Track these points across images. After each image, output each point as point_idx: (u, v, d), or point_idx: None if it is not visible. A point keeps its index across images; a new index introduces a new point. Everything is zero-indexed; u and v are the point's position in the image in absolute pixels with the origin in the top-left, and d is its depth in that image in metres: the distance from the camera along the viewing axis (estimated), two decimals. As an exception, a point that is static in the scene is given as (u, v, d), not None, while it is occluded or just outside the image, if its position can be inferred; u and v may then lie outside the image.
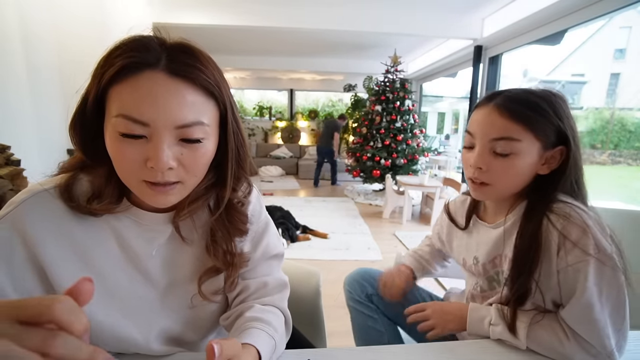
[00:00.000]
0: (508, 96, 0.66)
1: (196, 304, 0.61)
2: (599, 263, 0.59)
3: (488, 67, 4.20)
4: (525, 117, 0.64)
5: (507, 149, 0.65)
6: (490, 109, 0.67)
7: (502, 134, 0.65)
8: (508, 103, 0.65)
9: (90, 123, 0.49)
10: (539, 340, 0.62)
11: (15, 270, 0.49)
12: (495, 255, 0.74)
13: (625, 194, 6.87)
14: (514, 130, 0.65)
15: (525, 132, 0.64)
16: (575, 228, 0.61)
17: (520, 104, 0.65)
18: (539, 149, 0.66)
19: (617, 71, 10.12)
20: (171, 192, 0.49)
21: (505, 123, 0.65)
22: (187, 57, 0.47)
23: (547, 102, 0.65)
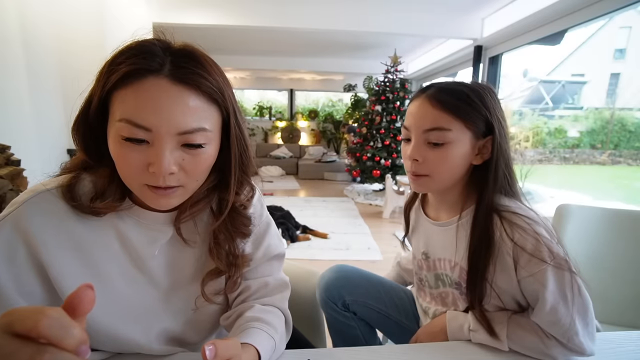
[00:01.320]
0: (438, 88, 0.69)
1: (199, 306, 0.61)
2: (556, 269, 0.61)
3: (488, 67, 4.20)
4: (454, 106, 0.66)
5: (440, 138, 0.67)
6: (422, 100, 0.70)
7: (434, 125, 0.67)
8: (438, 94, 0.68)
9: (93, 126, 0.49)
10: (522, 341, 0.64)
11: (18, 271, 0.49)
12: (445, 258, 0.76)
13: (625, 194, 6.87)
14: (444, 120, 0.67)
15: (455, 121, 0.66)
16: (529, 239, 0.62)
17: (449, 95, 0.67)
18: (471, 139, 0.68)
19: (617, 71, 10.10)
20: (173, 195, 0.50)
21: (436, 113, 0.67)
22: (191, 63, 0.47)
23: (475, 93, 0.67)
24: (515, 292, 0.66)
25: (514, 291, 0.66)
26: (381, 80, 5.36)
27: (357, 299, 0.95)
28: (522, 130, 9.50)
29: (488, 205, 0.67)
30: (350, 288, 0.96)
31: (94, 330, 0.53)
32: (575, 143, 9.29)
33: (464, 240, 0.70)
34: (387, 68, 5.23)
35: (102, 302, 0.54)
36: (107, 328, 0.54)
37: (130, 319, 0.56)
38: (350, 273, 0.99)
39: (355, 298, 0.95)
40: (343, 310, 0.96)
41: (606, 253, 1.38)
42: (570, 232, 1.41)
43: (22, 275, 0.49)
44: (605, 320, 1.28)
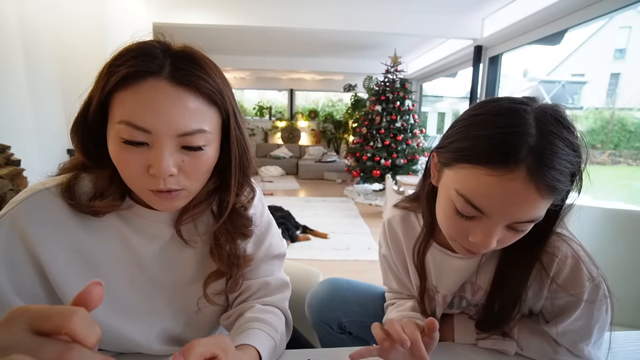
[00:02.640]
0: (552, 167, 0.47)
1: (201, 307, 0.61)
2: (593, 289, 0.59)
3: (488, 67, 4.20)
4: (562, 191, 0.49)
5: (529, 226, 0.52)
6: (525, 186, 0.46)
7: (533, 217, 0.49)
8: (554, 183, 0.47)
9: (92, 127, 0.49)
10: (531, 345, 0.63)
11: (15, 270, 0.49)
12: (462, 284, 0.68)
13: (625, 194, 6.86)
14: (544, 207, 0.49)
15: (550, 200, 0.49)
16: (566, 266, 0.59)
17: (563, 176, 0.48)
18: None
19: (617, 71, 10.10)
20: (177, 198, 0.50)
21: (544, 205, 0.49)
22: (190, 65, 0.47)
23: (574, 151, 0.49)
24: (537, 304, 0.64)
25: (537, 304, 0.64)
26: (381, 80, 5.36)
27: (354, 319, 0.88)
28: (522, 130, 9.49)
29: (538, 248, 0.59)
30: (345, 307, 0.88)
31: None
32: (575, 143, 9.27)
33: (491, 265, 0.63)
34: (387, 68, 5.23)
35: (103, 301, 0.54)
36: (107, 328, 0.54)
37: (130, 319, 0.56)
38: (344, 290, 0.91)
39: (352, 318, 0.88)
40: (339, 332, 0.90)
41: (606, 253, 1.38)
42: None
43: (20, 274, 0.49)
44: (605, 320, 1.28)
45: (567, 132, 0.49)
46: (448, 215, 0.55)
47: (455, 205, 0.52)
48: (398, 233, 0.74)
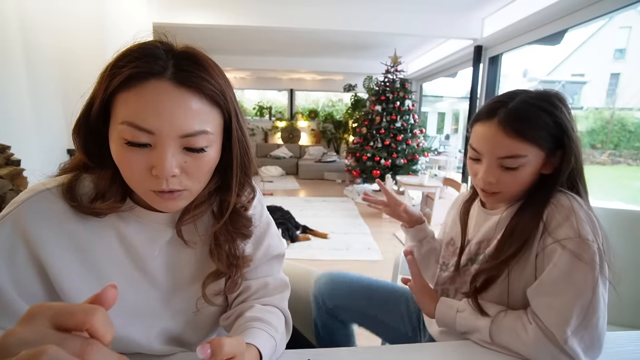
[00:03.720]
0: (510, 113, 0.67)
1: (200, 307, 0.61)
2: (577, 248, 0.60)
3: (488, 67, 4.20)
4: (530, 134, 0.66)
5: (515, 163, 0.67)
6: (495, 128, 0.68)
7: (509, 153, 0.67)
8: (512, 122, 0.66)
9: (94, 128, 0.49)
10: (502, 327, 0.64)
11: (17, 270, 0.49)
12: (484, 239, 0.76)
13: (625, 194, 6.87)
14: (520, 148, 0.66)
15: (531, 147, 0.66)
16: (559, 213, 0.64)
17: (523, 122, 0.66)
18: (544, 156, 0.68)
19: (617, 71, 10.11)
20: (179, 198, 0.50)
21: (512, 142, 0.66)
22: (193, 66, 0.47)
23: (547, 113, 0.66)
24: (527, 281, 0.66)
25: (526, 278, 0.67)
26: (381, 80, 5.36)
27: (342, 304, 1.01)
28: (522, 130, 9.49)
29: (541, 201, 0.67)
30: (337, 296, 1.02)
31: None
32: (575, 143, 9.27)
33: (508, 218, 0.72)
34: (387, 68, 5.23)
35: None
36: None
37: (130, 319, 0.56)
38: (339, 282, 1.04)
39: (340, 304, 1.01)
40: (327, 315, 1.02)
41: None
42: (570, 232, 1.41)
43: (22, 275, 0.49)
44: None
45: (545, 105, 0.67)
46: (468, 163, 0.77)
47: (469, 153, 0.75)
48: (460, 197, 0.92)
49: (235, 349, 0.43)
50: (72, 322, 0.26)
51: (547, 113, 0.66)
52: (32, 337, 0.26)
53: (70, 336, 0.26)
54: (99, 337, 0.27)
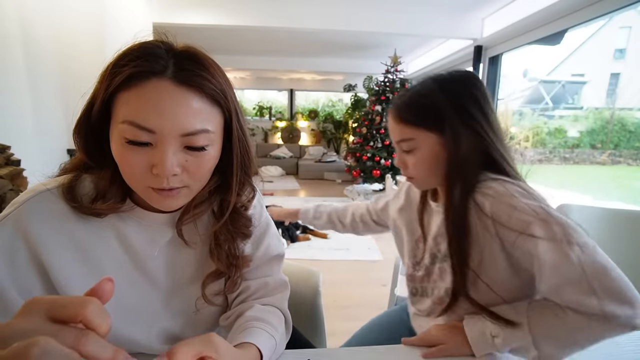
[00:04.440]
0: (396, 103, 0.76)
1: (200, 308, 0.61)
2: (541, 222, 0.58)
3: (488, 67, 4.20)
4: (409, 118, 0.73)
5: (407, 146, 0.74)
6: (391, 117, 0.77)
7: (400, 137, 0.75)
8: (397, 111, 0.75)
9: (95, 128, 0.49)
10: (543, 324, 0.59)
11: (18, 270, 0.49)
12: (439, 234, 0.76)
13: (625, 194, 6.86)
14: (406, 132, 0.73)
15: (416, 130, 0.72)
16: (501, 203, 0.63)
17: (407, 110, 0.74)
18: (436, 138, 0.71)
19: (617, 71, 10.10)
20: (178, 196, 0.50)
21: (400, 127, 0.74)
22: (194, 65, 0.47)
23: (430, 99, 0.71)
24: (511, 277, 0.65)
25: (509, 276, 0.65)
26: (381, 80, 5.36)
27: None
28: (522, 130, 9.49)
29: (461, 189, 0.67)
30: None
31: None
32: (575, 143, 9.28)
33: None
34: (387, 68, 5.23)
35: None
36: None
37: (130, 319, 0.56)
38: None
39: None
40: None
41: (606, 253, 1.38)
42: (570, 232, 1.41)
43: (23, 275, 0.49)
44: (605, 320, 1.28)
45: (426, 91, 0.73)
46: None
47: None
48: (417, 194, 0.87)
49: (198, 348, 0.41)
50: (66, 313, 0.27)
51: (431, 99, 0.71)
52: (28, 328, 0.26)
53: (65, 327, 0.27)
54: (94, 328, 0.27)
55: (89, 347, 0.27)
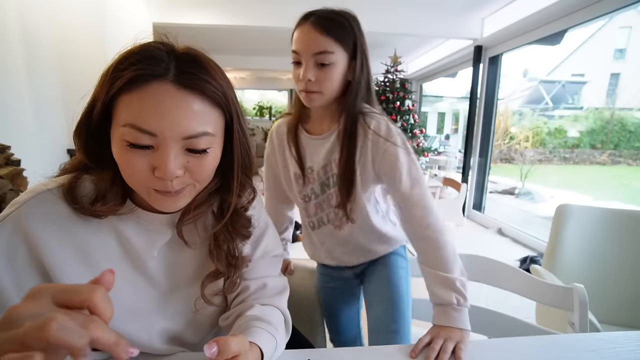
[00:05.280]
0: (320, 15, 0.80)
1: (199, 308, 0.61)
2: (405, 151, 0.82)
3: (488, 67, 4.20)
4: (335, 32, 0.79)
5: (327, 59, 0.79)
6: (308, 27, 0.80)
7: (322, 49, 0.79)
8: (322, 21, 0.79)
9: (96, 130, 0.49)
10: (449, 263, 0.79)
11: (18, 271, 0.49)
12: (327, 162, 0.89)
13: (625, 194, 6.87)
14: (329, 44, 0.79)
15: (337, 44, 0.79)
16: (382, 126, 0.83)
17: (330, 22, 0.79)
18: (347, 58, 0.82)
19: (617, 71, 10.11)
20: (180, 197, 0.50)
21: (323, 39, 0.78)
22: (195, 67, 0.47)
23: (347, 20, 0.81)
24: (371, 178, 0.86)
25: (370, 177, 0.85)
26: (381, 80, 5.36)
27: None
28: (522, 130, 9.50)
29: (355, 110, 0.84)
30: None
31: None
32: (575, 143, 9.29)
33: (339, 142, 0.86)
34: (387, 68, 5.23)
35: None
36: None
37: (131, 319, 0.56)
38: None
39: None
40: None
41: (606, 253, 1.38)
42: (570, 232, 1.41)
43: (23, 276, 0.49)
44: (605, 320, 1.28)
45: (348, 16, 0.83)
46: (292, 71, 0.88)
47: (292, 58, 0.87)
48: (283, 135, 0.96)
49: (240, 347, 0.44)
50: (76, 299, 0.29)
51: (347, 20, 0.81)
52: (36, 311, 0.27)
53: (73, 312, 0.28)
54: (100, 314, 0.29)
55: (97, 331, 0.28)
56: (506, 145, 8.95)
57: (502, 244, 3.56)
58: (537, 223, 4.89)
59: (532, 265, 1.26)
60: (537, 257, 2.98)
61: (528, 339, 0.69)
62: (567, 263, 1.39)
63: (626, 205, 5.46)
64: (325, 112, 0.89)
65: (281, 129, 0.96)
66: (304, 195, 0.94)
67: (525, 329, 0.91)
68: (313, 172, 0.91)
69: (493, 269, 0.99)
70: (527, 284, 0.93)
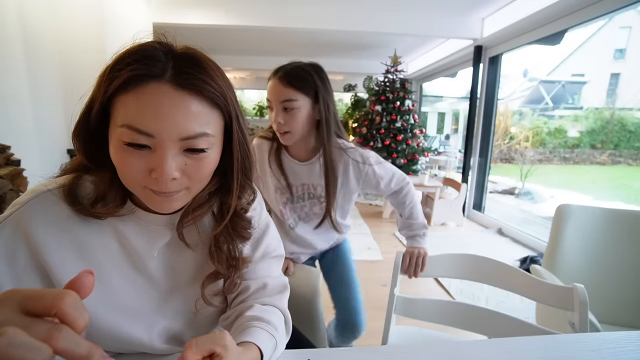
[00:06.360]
0: (285, 71, 1.01)
1: (200, 309, 0.61)
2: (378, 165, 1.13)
3: (488, 67, 4.20)
4: (298, 85, 1.00)
5: (291, 105, 1.00)
6: (276, 80, 1.01)
7: (286, 97, 1.00)
8: (285, 77, 1.00)
9: (94, 130, 0.49)
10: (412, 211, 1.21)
11: (19, 272, 0.49)
12: (309, 183, 1.15)
13: (625, 194, 6.87)
14: (292, 94, 1.00)
15: (299, 94, 1.00)
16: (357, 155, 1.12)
17: (292, 76, 1.00)
18: (310, 103, 1.02)
19: (617, 71, 10.10)
20: (176, 198, 0.50)
21: (287, 90, 1.00)
22: (193, 67, 0.46)
23: (309, 73, 1.01)
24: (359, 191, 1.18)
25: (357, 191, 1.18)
26: (381, 80, 5.36)
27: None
28: (522, 130, 9.50)
29: (331, 147, 1.07)
30: None
31: (97, 329, 0.53)
32: (575, 143, 9.28)
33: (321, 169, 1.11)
34: (387, 68, 5.22)
35: (105, 301, 0.54)
36: (110, 327, 0.54)
37: (132, 319, 0.56)
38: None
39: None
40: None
41: (606, 253, 1.38)
42: (570, 232, 1.41)
43: (23, 276, 0.49)
44: (605, 320, 1.28)
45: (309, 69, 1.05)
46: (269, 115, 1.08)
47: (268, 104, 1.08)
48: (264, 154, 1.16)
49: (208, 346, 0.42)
50: (40, 306, 0.26)
51: (309, 74, 1.02)
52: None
53: (38, 320, 0.25)
54: (69, 323, 0.26)
55: (62, 343, 0.25)
56: (506, 145, 8.95)
57: (502, 244, 3.57)
58: (537, 223, 4.89)
59: (532, 265, 1.26)
60: (537, 257, 2.98)
61: (528, 339, 0.69)
62: (567, 263, 1.39)
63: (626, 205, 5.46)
64: (302, 145, 1.11)
65: (263, 147, 1.16)
66: (282, 202, 1.19)
67: (525, 329, 0.91)
68: (294, 187, 1.17)
69: (493, 268, 0.99)
70: (527, 284, 0.93)
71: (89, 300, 0.52)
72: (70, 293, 0.26)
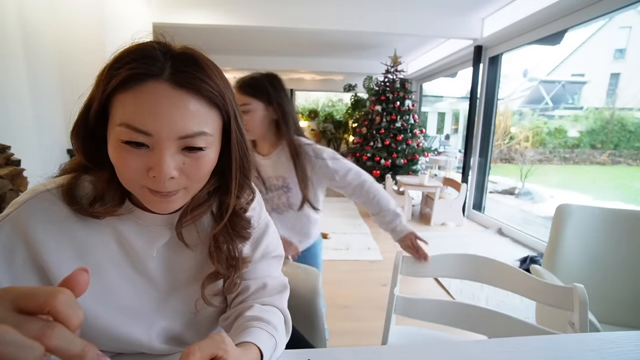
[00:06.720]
0: (240, 81, 1.19)
1: (199, 309, 0.61)
2: (333, 160, 1.24)
3: (488, 67, 4.20)
4: (250, 91, 1.17)
5: (248, 109, 1.16)
6: (236, 91, 1.13)
7: (243, 102, 1.16)
8: (241, 85, 1.18)
9: (92, 129, 0.49)
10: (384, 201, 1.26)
11: (17, 271, 0.49)
12: (273, 175, 1.27)
13: (625, 194, 6.87)
14: (246, 99, 1.16)
15: (252, 99, 1.17)
16: (311, 150, 1.23)
17: (247, 85, 1.17)
18: (263, 106, 1.18)
19: (617, 71, 10.10)
20: (174, 199, 0.50)
21: (242, 97, 1.16)
22: (191, 67, 0.47)
23: (260, 81, 1.18)
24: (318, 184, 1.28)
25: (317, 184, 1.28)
26: (381, 80, 5.36)
27: None
28: (522, 130, 9.50)
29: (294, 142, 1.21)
30: None
31: (96, 329, 0.53)
32: (575, 143, 9.28)
33: (285, 161, 1.23)
34: (387, 68, 5.23)
35: (104, 301, 0.54)
36: (108, 327, 0.54)
37: (132, 319, 0.56)
38: None
39: None
40: None
41: (606, 253, 1.38)
42: (570, 232, 1.41)
43: (22, 276, 0.49)
44: (605, 320, 1.28)
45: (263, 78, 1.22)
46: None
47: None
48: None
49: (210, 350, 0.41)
50: (33, 304, 0.25)
51: (260, 82, 1.18)
52: None
53: (31, 318, 0.25)
54: (63, 320, 0.25)
55: (55, 341, 0.24)
56: (506, 145, 8.95)
57: (502, 244, 3.57)
58: (537, 223, 4.89)
59: (532, 265, 1.26)
60: (537, 257, 2.98)
61: (528, 339, 0.69)
62: (567, 263, 1.39)
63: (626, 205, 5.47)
64: (264, 142, 1.26)
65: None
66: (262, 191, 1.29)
67: (525, 329, 0.91)
68: (269, 179, 1.29)
69: (493, 268, 0.99)
70: (527, 284, 0.93)
71: (88, 300, 0.52)
72: (63, 291, 0.26)
